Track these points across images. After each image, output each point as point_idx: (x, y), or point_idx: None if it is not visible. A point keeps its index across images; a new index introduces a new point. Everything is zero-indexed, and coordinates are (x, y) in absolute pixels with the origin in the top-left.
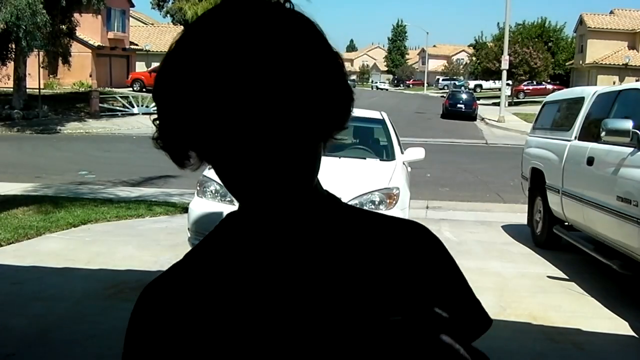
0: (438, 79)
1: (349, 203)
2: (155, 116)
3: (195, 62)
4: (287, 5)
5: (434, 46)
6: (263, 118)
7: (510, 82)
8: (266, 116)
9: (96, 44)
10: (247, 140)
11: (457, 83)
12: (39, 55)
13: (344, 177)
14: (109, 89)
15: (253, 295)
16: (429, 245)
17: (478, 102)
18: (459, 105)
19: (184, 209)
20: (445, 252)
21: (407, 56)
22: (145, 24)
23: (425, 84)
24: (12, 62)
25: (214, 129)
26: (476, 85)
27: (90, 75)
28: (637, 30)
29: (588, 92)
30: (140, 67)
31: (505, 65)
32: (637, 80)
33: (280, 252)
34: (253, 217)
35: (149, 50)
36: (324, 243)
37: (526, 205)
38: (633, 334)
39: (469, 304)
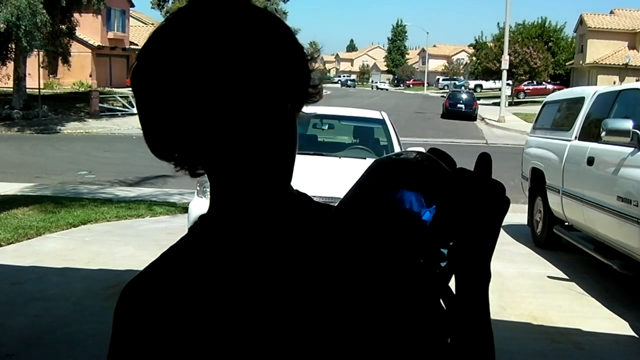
0: (438, 79)
1: None
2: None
3: (165, 55)
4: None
5: (434, 46)
6: (233, 95)
7: (510, 82)
8: (236, 93)
9: (96, 44)
10: (222, 119)
11: (457, 83)
12: (38, 55)
13: (344, 177)
14: (109, 89)
15: (229, 295)
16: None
17: (478, 102)
18: (459, 105)
19: (184, 209)
20: None
21: (407, 56)
22: (145, 24)
23: (426, 84)
24: (12, 62)
25: (189, 113)
26: (476, 85)
27: (90, 75)
28: (638, 30)
29: (588, 92)
30: None
31: (505, 65)
32: (637, 80)
33: (254, 252)
34: (226, 217)
35: None
36: (296, 242)
37: (526, 205)
38: (633, 334)
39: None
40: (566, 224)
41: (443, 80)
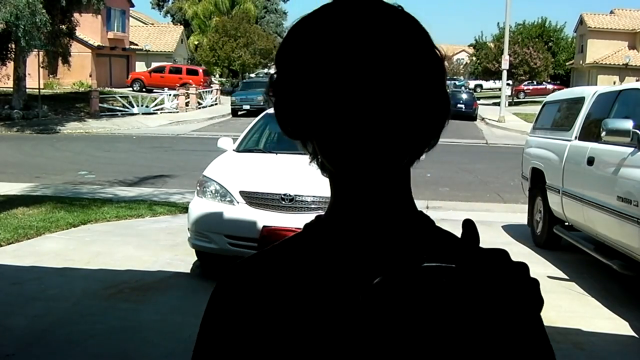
0: None
1: None
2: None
3: (314, 49)
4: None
5: None
6: (369, 108)
7: (510, 82)
8: (372, 107)
9: (96, 44)
10: (349, 124)
11: (457, 83)
12: (38, 55)
13: None
14: (109, 89)
15: (328, 304)
16: (517, 288)
17: (478, 102)
18: (459, 105)
19: (184, 209)
20: (534, 299)
21: None
22: (145, 23)
23: None
24: (12, 62)
25: (324, 107)
26: (476, 85)
27: (90, 75)
28: (638, 30)
29: (588, 92)
30: (140, 67)
31: (505, 65)
32: (637, 80)
33: (363, 263)
34: (342, 222)
35: (149, 50)
36: (404, 263)
37: (526, 205)
38: (633, 334)
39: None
40: (566, 224)
41: None
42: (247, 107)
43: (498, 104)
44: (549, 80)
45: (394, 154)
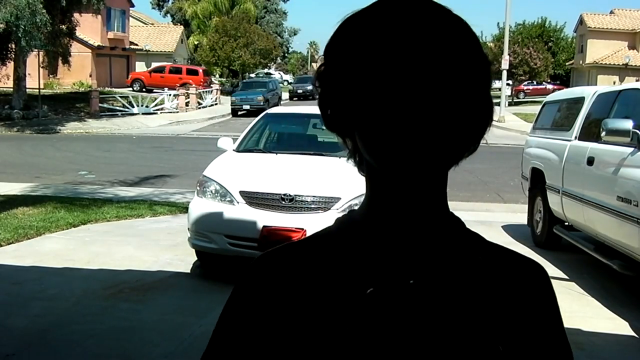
0: None
1: (350, 202)
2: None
3: (366, 43)
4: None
5: None
6: (418, 106)
7: (510, 82)
8: (420, 105)
9: (96, 44)
10: (396, 122)
11: None
12: (38, 55)
13: (344, 176)
14: (109, 89)
15: (355, 302)
16: (540, 288)
17: None
18: None
19: (184, 209)
20: (553, 298)
21: None
22: (145, 24)
23: None
24: (12, 62)
25: (373, 101)
26: None
27: (90, 75)
28: (637, 30)
29: (588, 92)
30: (140, 67)
31: (505, 65)
32: (637, 80)
33: (395, 261)
34: (374, 219)
35: (149, 50)
36: (439, 262)
37: (526, 205)
38: (633, 334)
39: (560, 354)
40: (566, 224)
41: None
42: (247, 107)
43: (498, 104)
44: (549, 81)
45: (438, 155)
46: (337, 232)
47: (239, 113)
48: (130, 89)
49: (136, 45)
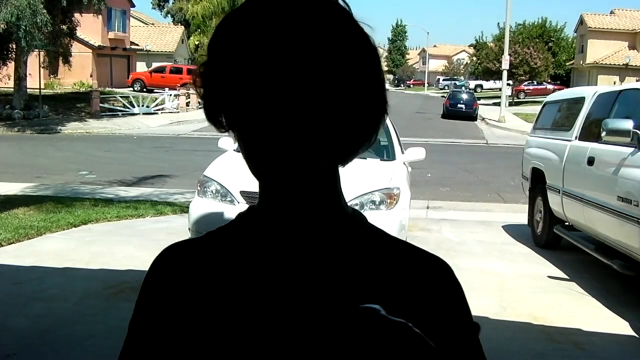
0: (438, 79)
1: (350, 203)
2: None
3: (237, 41)
4: None
5: (435, 46)
6: (288, 102)
7: (510, 82)
8: (291, 101)
9: (97, 44)
10: (268, 120)
11: (457, 83)
12: (39, 55)
13: (345, 176)
14: (110, 89)
15: (251, 294)
16: (443, 282)
17: (478, 102)
18: (459, 105)
19: (184, 209)
20: (458, 292)
21: (407, 56)
22: (146, 24)
23: (426, 84)
24: (13, 62)
25: (243, 101)
26: (477, 85)
27: (91, 75)
28: (638, 30)
29: (588, 92)
30: (140, 67)
31: (505, 65)
32: (637, 80)
33: (287, 257)
34: (266, 216)
35: (150, 50)
36: (331, 254)
37: (526, 205)
38: (633, 334)
39: (466, 348)
40: (566, 223)
41: (443, 80)
42: None
43: (498, 104)
44: (549, 81)
45: (312, 152)
46: (236, 228)
47: None
48: (131, 89)
49: (137, 45)
